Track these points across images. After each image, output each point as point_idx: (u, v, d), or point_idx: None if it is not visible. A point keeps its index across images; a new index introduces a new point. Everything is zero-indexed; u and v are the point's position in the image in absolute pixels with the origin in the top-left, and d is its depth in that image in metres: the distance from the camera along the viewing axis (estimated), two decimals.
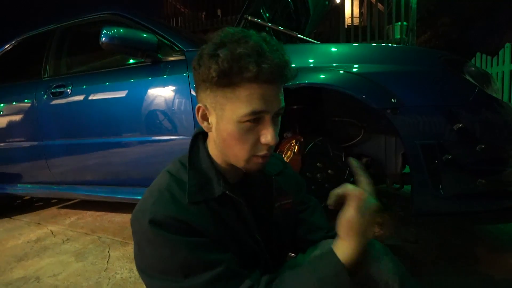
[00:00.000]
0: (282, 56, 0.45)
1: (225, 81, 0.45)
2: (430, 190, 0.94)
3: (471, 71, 1.01)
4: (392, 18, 4.44)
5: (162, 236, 0.44)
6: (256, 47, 0.44)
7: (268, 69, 0.43)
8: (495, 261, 1.13)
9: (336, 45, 1.15)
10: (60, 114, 1.58)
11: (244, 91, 0.45)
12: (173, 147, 1.32)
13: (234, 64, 0.43)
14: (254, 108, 0.45)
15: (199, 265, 0.44)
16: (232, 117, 0.46)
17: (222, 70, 0.43)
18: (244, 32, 0.46)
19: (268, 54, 0.44)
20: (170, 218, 0.45)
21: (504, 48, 4.30)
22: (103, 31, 1.17)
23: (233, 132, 0.47)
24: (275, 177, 0.60)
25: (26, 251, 1.48)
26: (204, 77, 0.46)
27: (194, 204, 0.48)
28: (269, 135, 0.47)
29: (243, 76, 0.43)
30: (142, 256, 0.47)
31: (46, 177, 1.75)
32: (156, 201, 0.47)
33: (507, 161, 0.97)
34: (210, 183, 0.51)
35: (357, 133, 1.30)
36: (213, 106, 0.48)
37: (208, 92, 0.48)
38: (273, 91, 0.46)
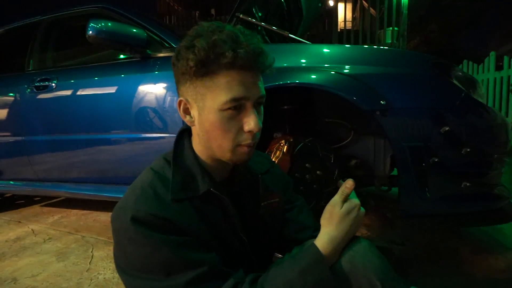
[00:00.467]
0: (257, 43, 0.46)
1: (203, 70, 0.45)
2: (417, 192, 0.95)
3: (458, 75, 1.03)
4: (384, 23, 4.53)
5: (144, 234, 0.43)
6: (231, 34, 0.45)
7: (244, 54, 0.44)
8: (478, 262, 1.16)
9: (327, 46, 1.16)
10: (43, 109, 1.52)
11: (222, 78, 0.45)
12: (162, 145, 1.29)
13: (210, 52, 0.43)
14: (234, 95, 0.45)
15: (181, 264, 0.43)
16: (213, 106, 0.46)
17: (199, 59, 0.44)
18: (219, 23, 0.47)
19: (243, 40, 0.45)
20: (152, 216, 0.44)
21: (489, 56, 4.45)
22: (90, 24, 1.14)
23: (215, 122, 0.46)
24: (262, 176, 0.59)
25: (4, 251, 1.41)
26: (183, 70, 0.46)
27: (177, 202, 0.47)
28: (252, 122, 0.47)
29: (220, 63, 0.44)
30: (123, 254, 0.46)
31: (28, 174, 1.69)
32: (138, 198, 0.46)
33: (491, 165, 0.99)
34: (195, 180, 0.50)
35: (346, 135, 1.30)
36: (193, 98, 0.48)
37: (188, 85, 0.48)
38: (252, 78, 0.46)
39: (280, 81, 1.02)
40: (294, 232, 0.63)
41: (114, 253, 0.48)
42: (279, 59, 1.10)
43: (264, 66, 0.47)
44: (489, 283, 1.01)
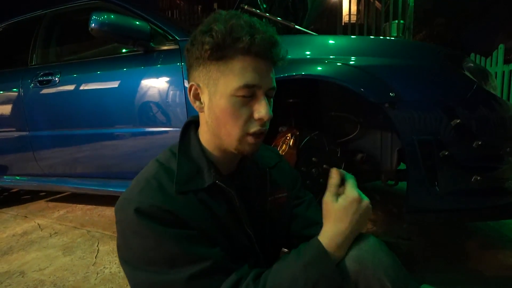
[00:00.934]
0: (273, 33, 0.46)
1: (218, 54, 0.45)
2: (426, 186, 0.92)
3: (470, 67, 1.00)
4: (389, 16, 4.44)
5: (148, 226, 0.43)
6: (248, 21, 0.45)
7: (261, 41, 0.44)
8: (487, 258, 1.14)
9: (333, 37, 1.13)
10: (47, 103, 1.52)
11: (237, 63, 0.45)
12: (166, 139, 1.28)
13: (227, 35, 0.43)
14: (247, 81, 0.45)
15: (185, 258, 0.43)
16: (226, 91, 0.46)
17: (216, 42, 0.44)
18: (236, 12, 0.48)
19: (260, 28, 0.45)
20: (156, 208, 0.43)
21: (497, 49, 4.35)
22: (93, 17, 1.12)
23: (226, 107, 0.46)
24: (269, 170, 0.58)
25: (11, 245, 1.43)
26: (198, 54, 0.46)
27: (182, 194, 0.46)
28: (263, 109, 0.46)
29: (236, 47, 0.44)
30: (126, 247, 0.45)
31: (33, 169, 1.70)
32: (142, 189, 0.46)
33: (503, 158, 0.97)
34: (201, 172, 0.49)
35: (353, 129, 1.28)
36: (205, 83, 0.48)
37: (201, 69, 0.47)
38: (265, 66, 0.47)
39: (286, 73, 1.00)
40: (302, 228, 0.61)
41: (118, 244, 0.47)
42: None
43: (277, 57, 0.47)
44: (498, 279, 0.99)
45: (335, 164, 1.17)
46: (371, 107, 1.14)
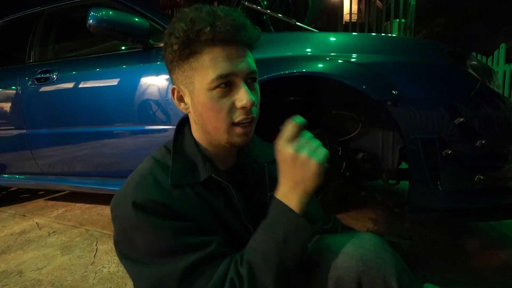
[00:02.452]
0: (238, 17, 0.45)
1: (186, 51, 0.45)
2: (429, 185, 0.91)
3: (474, 64, 0.99)
4: (390, 15, 4.42)
5: (145, 219, 0.43)
6: (208, 11, 0.44)
7: (222, 28, 0.43)
8: (488, 257, 1.13)
9: (335, 34, 1.11)
10: (45, 101, 1.51)
11: (206, 56, 0.44)
12: (165, 137, 1.26)
13: (189, 31, 0.43)
14: (220, 71, 0.44)
15: (183, 248, 0.43)
16: (202, 86, 0.45)
17: (181, 41, 0.44)
18: (199, 5, 0.46)
19: (222, 15, 0.44)
20: (152, 202, 0.44)
21: (499, 48, 4.34)
22: (91, 13, 1.11)
23: (206, 102, 0.46)
24: (268, 165, 0.58)
25: (9, 244, 1.41)
26: (170, 57, 0.46)
27: (177, 188, 0.46)
28: (243, 96, 0.45)
29: (201, 40, 0.43)
30: (126, 240, 0.45)
31: (31, 167, 1.68)
32: (137, 184, 0.46)
33: (507, 157, 0.95)
34: (196, 167, 0.50)
35: (354, 127, 1.27)
36: (184, 84, 0.48)
37: (177, 71, 0.47)
38: (237, 51, 0.45)
39: (286, 70, 0.99)
40: None
41: (116, 240, 0.47)
42: (284, 48, 1.07)
43: (248, 39, 0.46)
44: (499, 279, 0.98)
45: (336, 162, 1.16)
46: (372, 105, 1.13)
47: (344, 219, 1.45)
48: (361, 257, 0.43)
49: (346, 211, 1.53)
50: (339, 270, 0.43)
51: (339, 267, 0.43)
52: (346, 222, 1.42)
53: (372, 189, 1.95)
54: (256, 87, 0.49)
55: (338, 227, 0.64)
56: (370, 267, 0.43)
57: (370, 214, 1.53)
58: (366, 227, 1.38)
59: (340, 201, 1.46)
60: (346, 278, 0.43)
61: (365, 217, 1.49)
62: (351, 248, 0.45)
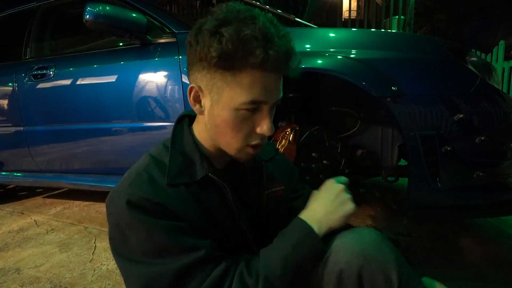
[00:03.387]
0: (289, 43, 0.42)
1: (226, 64, 0.41)
2: (428, 182, 0.91)
3: (473, 61, 0.98)
4: (390, 12, 4.40)
5: (138, 218, 0.42)
6: (264, 30, 0.40)
7: (274, 57, 0.40)
8: (486, 254, 1.13)
9: (334, 29, 1.11)
10: (42, 98, 1.49)
11: (246, 77, 0.42)
12: (164, 134, 1.26)
13: (239, 47, 0.39)
14: (254, 97, 0.42)
15: (176, 249, 0.42)
16: (230, 103, 0.43)
17: (225, 52, 0.40)
18: (251, 11, 0.42)
19: (276, 40, 0.40)
20: (145, 200, 0.43)
21: (498, 45, 4.33)
22: (87, 8, 1.09)
23: (228, 120, 0.44)
24: (265, 163, 0.57)
25: (7, 242, 1.41)
26: (202, 56, 0.42)
27: (173, 187, 0.45)
28: (265, 126, 0.45)
29: (247, 61, 0.40)
30: (119, 239, 0.45)
31: (29, 165, 1.67)
32: (132, 182, 0.45)
33: (506, 154, 0.95)
34: (193, 165, 0.48)
35: (353, 124, 1.26)
36: (208, 88, 0.44)
37: (205, 73, 0.44)
38: (275, 80, 0.44)
39: None
40: None
41: (110, 236, 0.47)
42: None
43: (290, 70, 0.44)
44: (496, 275, 0.99)
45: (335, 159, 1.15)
46: (372, 102, 1.13)
47: None
48: (361, 252, 0.44)
49: None
50: (340, 264, 0.44)
51: (340, 262, 0.44)
52: None
53: (371, 186, 1.95)
54: (274, 110, 0.48)
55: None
56: (370, 261, 0.43)
57: (369, 211, 1.53)
58: (365, 224, 1.38)
59: None
60: (347, 272, 0.43)
61: (364, 213, 1.49)
62: (351, 243, 0.45)
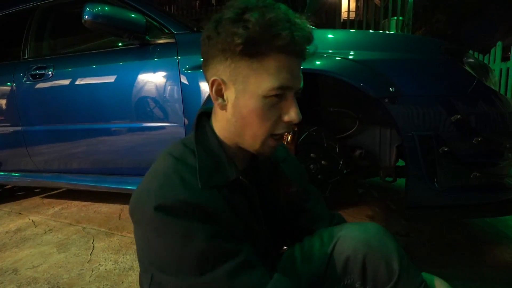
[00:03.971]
0: (311, 30, 0.42)
1: (252, 49, 0.40)
2: (425, 182, 0.92)
3: (470, 62, 0.99)
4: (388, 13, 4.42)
5: (172, 223, 0.39)
6: (287, 14, 0.40)
7: (301, 38, 0.40)
8: (484, 253, 1.14)
9: (332, 31, 1.11)
10: (40, 98, 1.49)
11: (273, 62, 0.41)
12: (163, 134, 1.26)
13: (266, 30, 0.39)
14: (282, 82, 0.42)
15: (217, 255, 0.40)
16: (257, 91, 0.42)
17: (251, 36, 0.39)
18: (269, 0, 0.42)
19: (299, 23, 0.41)
20: (181, 203, 0.40)
21: (495, 46, 4.35)
22: (86, 8, 1.09)
23: (256, 108, 0.43)
24: (281, 164, 0.57)
25: (4, 242, 1.40)
26: (225, 46, 0.41)
27: (207, 189, 0.43)
28: (293, 112, 0.44)
29: (274, 44, 0.40)
30: (149, 249, 0.42)
31: (27, 165, 1.67)
32: (163, 185, 0.41)
33: (502, 155, 0.96)
34: (222, 167, 0.46)
35: (351, 124, 1.27)
36: (232, 79, 0.43)
37: (228, 63, 0.42)
38: (298, 66, 0.44)
39: None
40: (310, 222, 0.61)
41: (138, 247, 0.43)
42: None
43: (309, 54, 0.44)
44: (494, 275, 1.00)
45: (334, 159, 1.16)
46: (370, 103, 1.13)
47: None
48: (366, 241, 0.47)
49: (343, 208, 1.53)
50: (348, 252, 0.48)
51: (348, 249, 0.48)
52: None
53: (369, 186, 1.96)
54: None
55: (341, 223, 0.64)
56: (374, 250, 0.47)
57: (367, 211, 1.53)
58: None
59: (337, 198, 1.46)
60: (353, 259, 0.47)
61: (362, 214, 1.50)
62: (357, 233, 0.49)
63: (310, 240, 0.56)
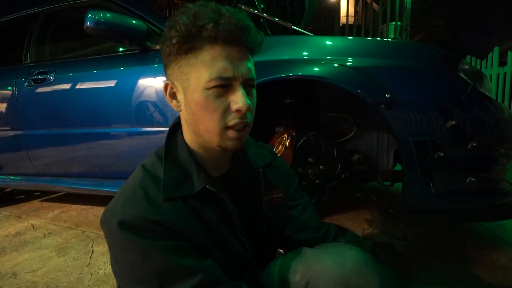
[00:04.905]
0: (243, 18, 0.43)
1: (186, 46, 0.43)
2: (422, 187, 0.93)
3: (465, 68, 1.01)
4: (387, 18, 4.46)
5: (132, 240, 0.40)
6: (214, 9, 0.43)
7: (226, 26, 0.42)
8: (481, 258, 1.14)
9: (330, 38, 1.13)
10: (41, 102, 1.50)
11: (206, 54, 0.43)
12: (162, 139, 1.26)
13: (191, 25, 0.42)
14: (219, 72, 0.43)
15: (174, 273, 0.40)
16: (199, 84, 0.44)
17: (181, 35, 0.42)
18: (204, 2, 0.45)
19: (227, 14, 0.43)
20: (141, 219, 0.40)
21: (493, 51, 4.39)
22: (88, 15, 1.11)
23: (201, 101, 0.44)
24: (263, 169, 0.56)
25: (4, 246, 1.41)
26: (168, 51, 0.45)
27: (169, 202, 0.43)
28: (239, 99, 0.43)
29: (202, 36, 0.42)
30: (114, 261, 0.43)
31: (27, 168, 1.67)
32: (126, 199, 0.43)
33: (497, 160, 0.97)
34: (189, 177, 0.46)
35: (349, 129, 1.28)
36: (179, 80, 0.46)
37: (173, 66, 0.46)
38: (238, 53, 0.44)
39: (282, 73, 1.00)
40: (294, 231, 0.60)
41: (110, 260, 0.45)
42: (281, 51, 1.08)
43: (251, 42, 0.44)
44: (491, 279, 1.00)
45: (332, 164, 1.17)
46: (367, 108, 1.15)
47: (339, 220, 1.46)
48: (343, 279, 0.42)
49: (341, 212, 1.54)
50: None
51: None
52: (341, 223, 1.43)
53: (367, 190, 1.97)
54: (253, 93, 0.47)
55: (331, 234, 0.62)
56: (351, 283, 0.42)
57: (365, 215, 1.54)
58: (361, 228, 1.39)
59: (335, 203, 1.47)
60: None
61: (360, 218, 1.50)
62: (333, 268, 0.44)
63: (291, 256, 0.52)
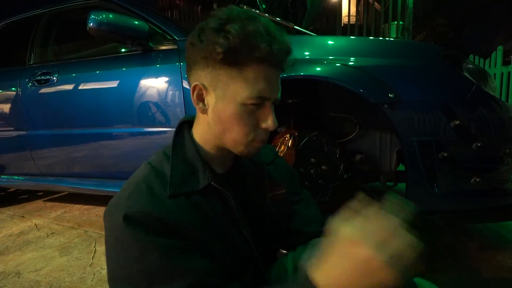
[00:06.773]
0: (288, 42, 0.44)
1: (231, 59, 0.42)
2: (425, 187, 0.92)
3: (469, 68, 1.00)
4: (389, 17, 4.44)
5: (132, 235, 0.39)
6: (266, 27, 0.42)
7: (278, 51, 0.42)
8: (485, 259, 1.14)
9: (333, 37, 1.13)
10: (45, 103, 1.51)
11: (251, 72, 0.43)
12: (164, 139, 1.27)
13: (245, 42, 0.41)
14: (260, 92, 0.44)
15: (165, 273, 0.39)
16: (236, 98, 0.44)
17: (231, 46, 0.41)
18: (251, 12, 0.45)
19: (278, 35, 0.43)
20: (143, 214, 0.40)
21: (496, 50, 4.36)
22: (91, 16, 1.11)
23: (234, 114, 0.44)
24: (266, 166, 0.57)
25: (7, 245, 1.42)
26: (207, 54, 0.43)
27: (173, 198, 0.43)
28: (270, 120, 0.46)
29: (252, 55, 0.42)
30: (108, 257, 0.42)
31: (31, 168, 1.69)
32: (131, 194, 0.42)
33: (502, 160, 0.97)
34: (195, 174, 0.47)
35: (352, 129, 1.28)
36: (213, 85, 0.45)
37: (209, 70, 0.44)
38: (276, 77, 0.46)
39: (284, 73, 0.99)
40: (301, 225, 0.61)
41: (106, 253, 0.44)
42: None
43: (287, 66, 0.46)
44: (495, 281, 0.99)
45: (334, 164, 1.16)
46: (370, 108, 1.14)
47: None
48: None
49: None
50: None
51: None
52: None
53: (370, 190, 1.96)
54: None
55: None
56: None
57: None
58: None
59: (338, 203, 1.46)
60: None
61: None
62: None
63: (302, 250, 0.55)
